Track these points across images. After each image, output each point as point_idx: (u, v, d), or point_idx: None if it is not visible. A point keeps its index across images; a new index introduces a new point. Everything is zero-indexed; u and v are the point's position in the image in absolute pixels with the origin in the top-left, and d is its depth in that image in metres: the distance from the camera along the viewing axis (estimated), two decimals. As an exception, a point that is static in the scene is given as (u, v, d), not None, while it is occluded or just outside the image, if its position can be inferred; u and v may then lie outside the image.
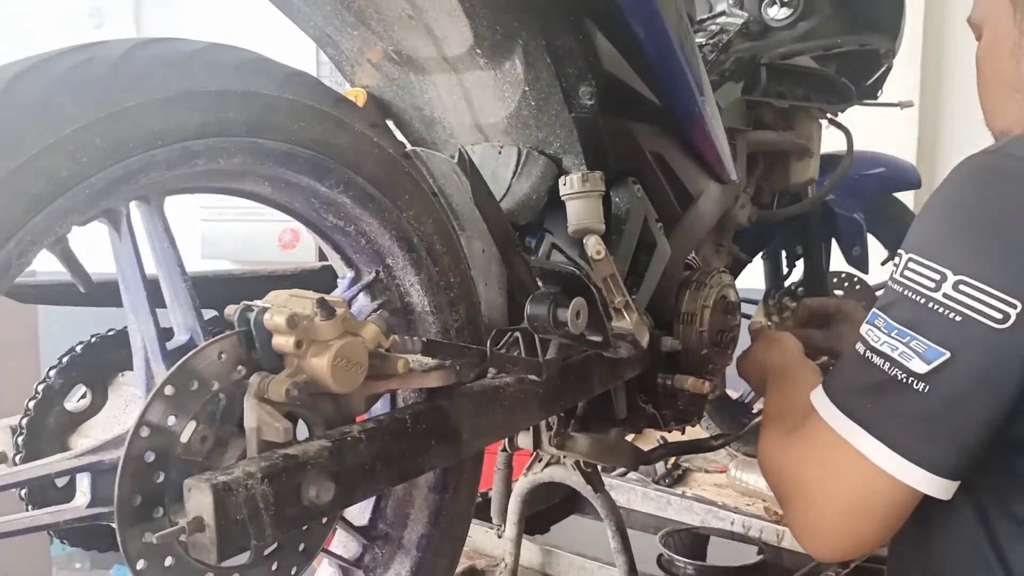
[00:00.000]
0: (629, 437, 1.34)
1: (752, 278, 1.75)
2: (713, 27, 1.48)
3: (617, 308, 0.95)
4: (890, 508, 0.76)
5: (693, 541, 1.68)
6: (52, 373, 0.76)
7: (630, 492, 1.75)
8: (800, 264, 1.83)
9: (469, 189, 0.92)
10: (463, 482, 0.95)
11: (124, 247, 0.67)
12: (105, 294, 0.72)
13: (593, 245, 0.89)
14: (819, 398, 0.81)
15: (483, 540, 1.49)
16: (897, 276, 0.76)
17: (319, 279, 0.96)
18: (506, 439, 1.25)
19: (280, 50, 0.78)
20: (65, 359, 0.76)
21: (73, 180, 0.58)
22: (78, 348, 0.77)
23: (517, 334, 0.90)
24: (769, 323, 1.80)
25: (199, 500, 0.62)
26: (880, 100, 1.69)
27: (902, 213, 2.03)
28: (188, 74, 0.64)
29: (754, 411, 1.93)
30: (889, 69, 1.67)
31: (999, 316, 0.69)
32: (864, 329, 0.78)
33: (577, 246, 1.00)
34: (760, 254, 1.84)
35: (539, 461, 1.30)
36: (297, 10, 0.97)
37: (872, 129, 1.77)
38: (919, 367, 0.72)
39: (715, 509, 1.67)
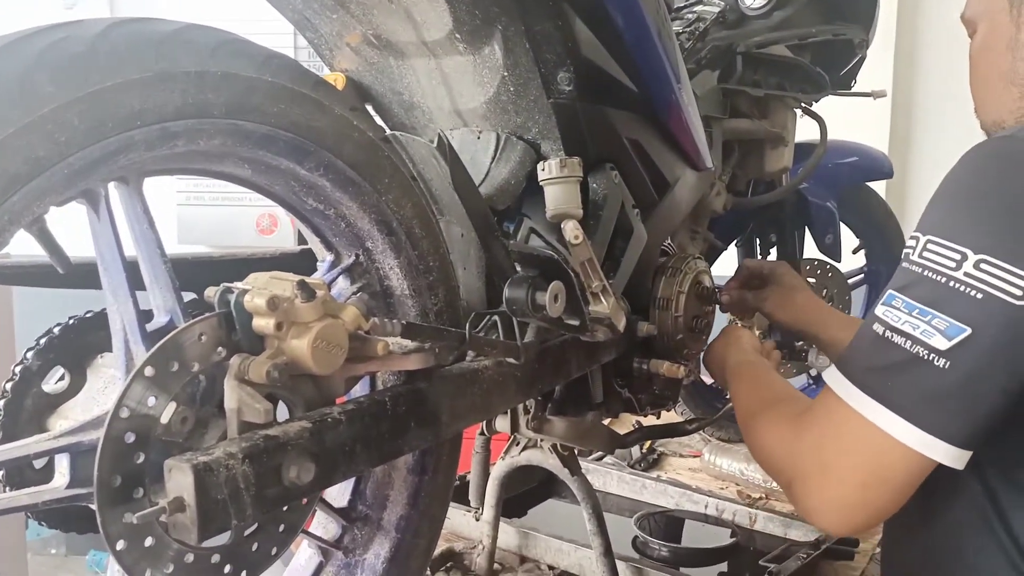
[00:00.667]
0: (605, 421, 1.36)
1: (727, 265, 1.78)
2: (690, 15, 1.49)
3: (594, 292, 0.96)
4: (907, 478, 0.79)
5: (668, 524, 1.71)
6: (30, 355, 0.75)
7: (606, 476, 1.78)
8: (774, 252, 1.85)
9: (448, 174, 0.93)
10: (442, 464, 0.96)
11: (103, 228, 0.67)
12: (83, 276, 0.71)
13: (571, 230, 0.90)
14: (836, 380, 0.83)
15: (461, 523, 1.50)
16: (915, 258, 0.79)
17: (299, 262, 0.97)
18: (484, 422, 1.26)
19: (257, 34, 0.77)
20: (43, 340, 0.76)
21: (51, 160, 0.58)
22: (56, 330, 0.76)
23: (496, 318, 0.90)
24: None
25: (180, 480, 0.62)
26: (854, 90, 1.71)
27: (874, 202, 2.07)
28: (166, 54, 0.64)
29: (727, 396, 1.96)
30: (863, 59, 1.69)
31: (1019, 292, 0.72)
32: (880, 311, 0.81)
33: (555, 231, 1.01)
34: (735, 242, 1.86)
35: (516, 445, 1.32)
36: (276, -8, 0.97)
37: (845, 119, 1.80)
38: (941, 343, 0.75)
39: (689, 492, 1.69)
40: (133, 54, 0.62)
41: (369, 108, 1.10)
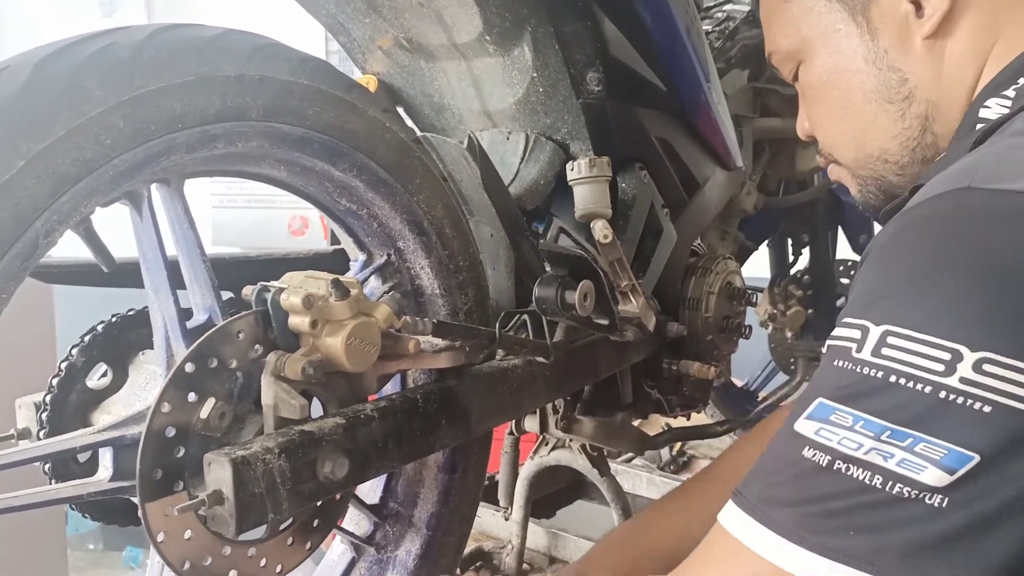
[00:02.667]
0: (634, 423, 1.36)
1: (758, 266, 1.77)
2: (720, 14, 1.49)
3: (624, 292, 0.97)
4: None
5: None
6: (74, 351, 0.78)
7: (635, 477, 1.77)
8: (806, 252, 1.84)
9: (478, 174, 0.94)
10: (472, 462, 0.97)
11: (145, 228, 0.69)
12: (126, 275, 0.73)
13: (600, 229, 0.91)
14: (756, 533, 0.58)
15: (490, 522, 1.51)
16: (866, 357, 0.57)
17: (332, 262, 0.98)
18: (513, 422, 1.27)
19: (290, 38, 0.79)
20: (86, 338, 0.78)
21: (97, 162, 0.60)
22: (99, 327, 0.79)
23: (525, 317, 0.91)
24: (775, 311, 1.82)
25: (219, 474, 0.64)
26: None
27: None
28: (207, 59, 0.66)
29: (760, 398, 1.94)
30: (896, 57, 1.67)
31: None
32: (811, 429, 0.58)
33: (584, 231, 1.01)
34: (766, 242, 1.85)
35: (545, 445, 1.32)
36: (309, -3, 0.99)
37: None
38: (936, 479, 0.53)
39: (720, 494, 1.68)
40: (175, 59, 0.64)
41: (400, 110, 1.12)
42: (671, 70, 1.04)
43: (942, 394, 0.54)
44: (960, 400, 0.53)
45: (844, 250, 1.85)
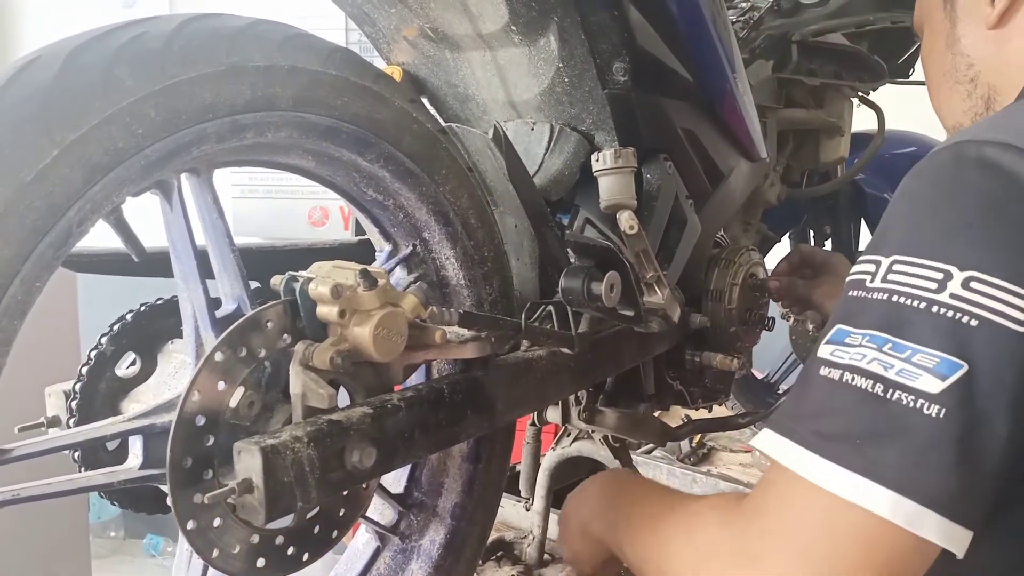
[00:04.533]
0: (656, 414, 1.35)
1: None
2: (744, 4, 1.47)
3: (649, 283, 0.96)
4: (908, 570, 0.60)
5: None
6: (104, 340, 0.78)
7: (656, 469, 1.77)
8: (828, 244, 1.83)
9: (503, 165, 0.94)
10: (496, 453, 0.97)
11: (175, 218, 0.69)
12: (155, 264, 0.74)
13: (626, 220, 0.90)
14: (779, 444, 0.64)
15: (512, 513, 1.51)
16: (876, 284, 0.64)
17: (357, 253, 0.98)
18: (535, 413, 1.27)
19: (310, 29, 0.79)
20: (116, 327, 0.79)
21: (130, 151, 0.60)
22: (128, 316, 0.79)
23: (550, 308, 0.91)
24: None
25: (248, 462, 0.64)
26: (912, 78, 1.68)
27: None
28: (237, 49, 0.66)
29: (780, 391, 1.93)
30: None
31: (1020, 316, 0.58)
32: (826, 351, 0.64)
33: (609, 222, 1.01)
34: (788, 233, 1.84)
35: (567, 435, 1.32)
36: (335, -13, 0.99)
37: (903, 108, 1.76)
38: (930, 385, 0.58)
39: (741, 487, 1.68)
40: (206, 49, 0.64)
41: (424, 101, 1.12)
42: (697, 60, 1.04)
43: (934, 308, 0.60)
44: (950, 314, 0.59)
45: (866, 242, 1.83)
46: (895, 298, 0.62)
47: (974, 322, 0.59)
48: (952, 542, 0.58)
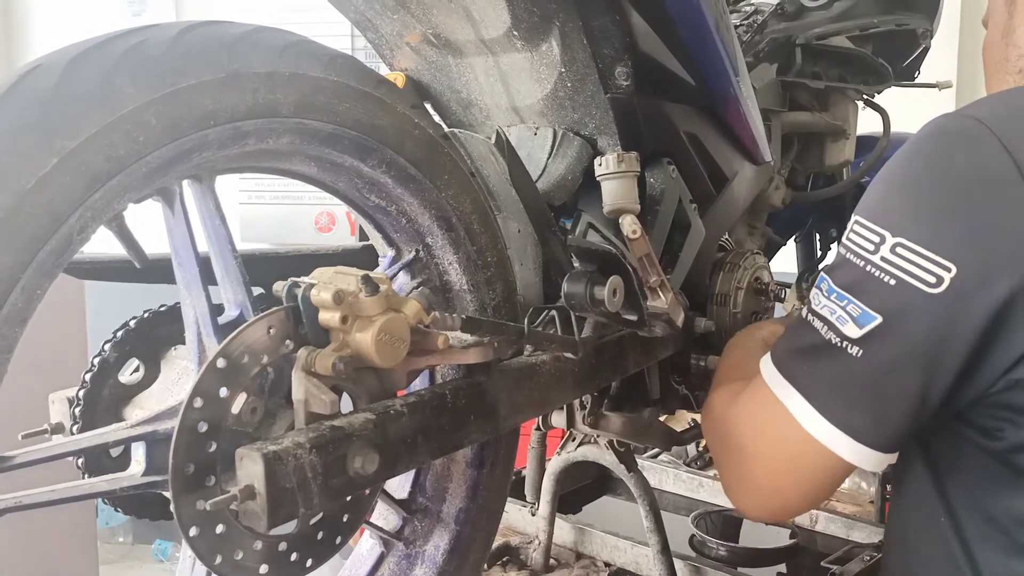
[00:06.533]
0: (661, 418, 1.35)
1: (785, 261, 1.75)
2: (748, 7, 1.48)
3: (652, 287, 0.96)
4: (817, 473, 0.75)
5: (725, 523, 1.69)
6: (107, 347, 0.78)
7: (662, 473, 1.77)
8: (834, 247, 1.82)
9: (506, 170, 0.94)
10: (499, 458, 0.97)
11: (177, 224, 0.69)
12: (157, 271, 0.74)
13: (629, 224, 0.90)
14: (764, 360, 0.82)
15: (517, 518, 1.51)
16: (844, 240, 0.75)
17: (360, 258, 0.98)
18: (540, 418, 1.27)
19: (316, 36, 0.79)
20: (119, 333, 0.79)
21: (130, 158, 0.60)
22: (131, 323, 0.79)
23: (553, 312, 0.91)
24: (801, 305, 1.80)
25: (250, 468, 0.64)
26: (917, 81, 1.67)
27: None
28: (238, 56, 0.66)
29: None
30: (927, 50, 1.65)
31: (932, 280, 0.67)
32: (812, 293, 0.78)
33: (612, 226, 1.01)
34: (794, 237, 1.83)
35: (572, 440, 1.32)
36: (337, -6, 0.99)
37: (908, 110, 1.75)
38: (852, 331, 0.71)
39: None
40: (207, 56, 0.64)
41: (427, 106, 1.12)
42: (700, 64, 1.03)
43: (867, 268, 0.71)
44: (877, 273, 0.70)
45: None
46: (848, 255, 0.73)
47: (892, 281, 0.69)
48: (861, 460, 0.72)
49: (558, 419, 1.23)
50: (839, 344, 0.72)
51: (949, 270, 0.67)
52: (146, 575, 3.52)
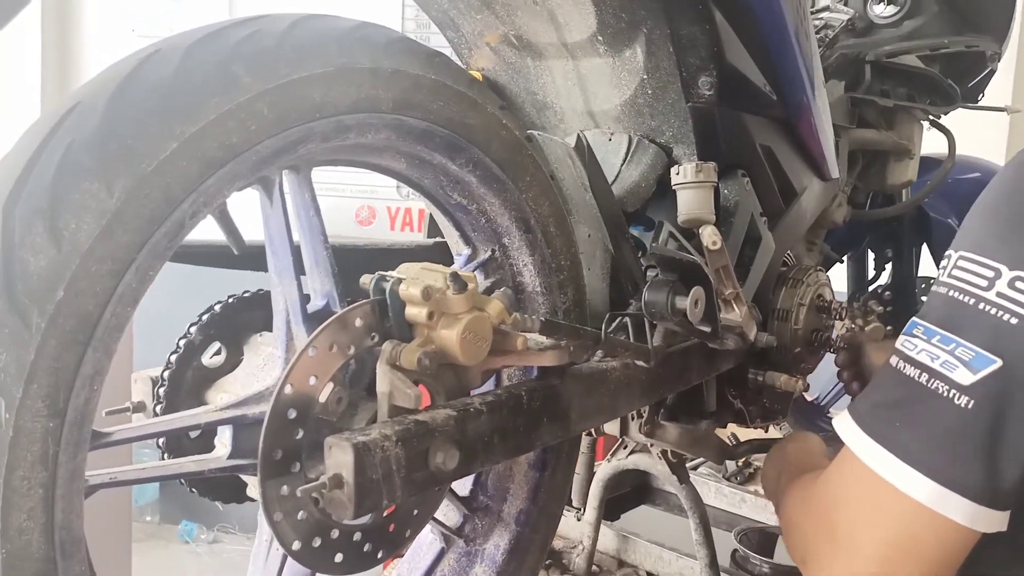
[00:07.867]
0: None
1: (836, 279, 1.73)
2: (818, 22, 1.46)
3: (727, 300, 0.96)
4: (938, 549, 0.64)
5: (762, 539, 1.68)
6: (192, 329, 0.79)
7: (703, 487, 1.75)
8: (888, 268, 1.80)
9: (583, 174, 0.94)
10: (561, 462, 0.97)
11: (275, 214, 0.70)
12: (249, 258, 0.75)
13: (709, 235, 0.90)
14: (844, 423, 0.71)
15: (562, 522, 1.51)
16: (944, 278, 0.68)
17: (432, 254, 0.99)
18: (592, 424, 1.26)
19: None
20: (204, 317, 0.80)
21: (242, 147, 0.61)
22: (216, 307, 0.81)
23: (627, 319, 0.91)
24: (853, 326, 1.78)
25: (340, 457, 0.64)
26: (982, 104, 1.65)
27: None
28: (345, 50, 0.67)
29: (830, 414, 1.90)
30: (993, 72, 1.63)
31: None
32: (900, 341, 0.69)
33: (685, 236, 1.00)
34: (847, 255, 1.81)
35: (624, 448, 1.32)
36: (424, -9, 1.00)
37: (961, 133, 1.73)
38: (963, 377, 0.63)
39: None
40: (317, 49, 0.65)
41: (502, 107, 1.12)
42: (781, 75, 1.03)
43: (981, 305, 0.64)
44: (994, 311, 0.63)
45: (928, 267, 1.80)
46: (951, 293, 0.67)
47: (1014, 320, 0.62)
48: (978, 522, 0.63)
49: (611, 426, 1.22)
50: (944, 393, 0.64)
51: None
52: (172, 555, 3.56)
